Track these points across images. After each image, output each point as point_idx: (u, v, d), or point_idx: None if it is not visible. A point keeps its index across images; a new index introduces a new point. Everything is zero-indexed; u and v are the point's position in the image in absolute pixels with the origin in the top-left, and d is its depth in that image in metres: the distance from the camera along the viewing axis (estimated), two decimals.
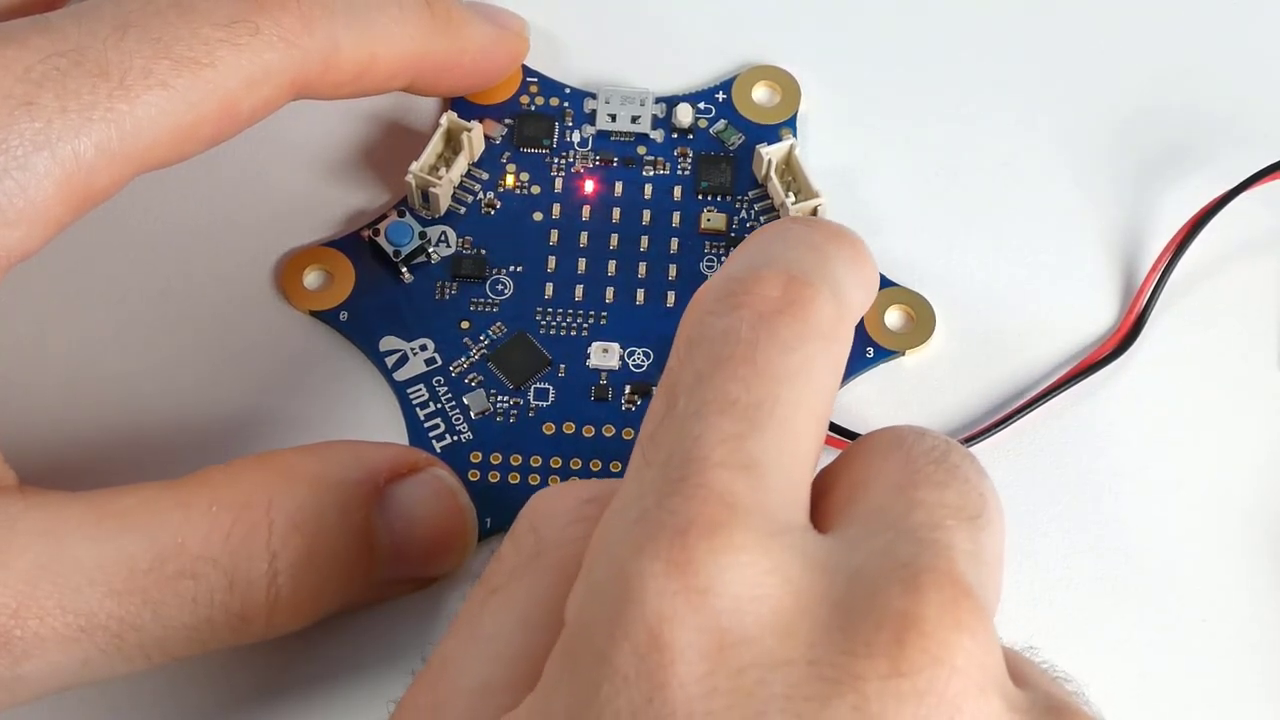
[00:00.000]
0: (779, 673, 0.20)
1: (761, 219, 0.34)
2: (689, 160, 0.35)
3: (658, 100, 0.35)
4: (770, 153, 0.34)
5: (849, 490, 0.23)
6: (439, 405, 0.32)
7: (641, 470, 0.22)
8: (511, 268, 0.33)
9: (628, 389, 0.32)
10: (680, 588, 0.20)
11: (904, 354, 0.33)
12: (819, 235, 0.25)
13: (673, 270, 0.33)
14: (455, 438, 0.32)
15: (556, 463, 0.32)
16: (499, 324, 0.33)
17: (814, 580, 0.21)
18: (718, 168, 0.34)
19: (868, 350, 0.33)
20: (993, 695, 0.21)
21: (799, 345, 0.23)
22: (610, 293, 0.33)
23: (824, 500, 0.23)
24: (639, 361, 0.33)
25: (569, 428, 0.32)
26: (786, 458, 0.22)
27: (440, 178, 0.33)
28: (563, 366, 0.33)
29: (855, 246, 0.25)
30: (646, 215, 0.34)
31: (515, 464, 0.32)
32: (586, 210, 0.34)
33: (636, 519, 0.21)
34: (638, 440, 0.23)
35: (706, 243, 0.34)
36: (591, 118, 0.35)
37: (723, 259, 0.33)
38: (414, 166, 0.33)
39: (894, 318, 0.33)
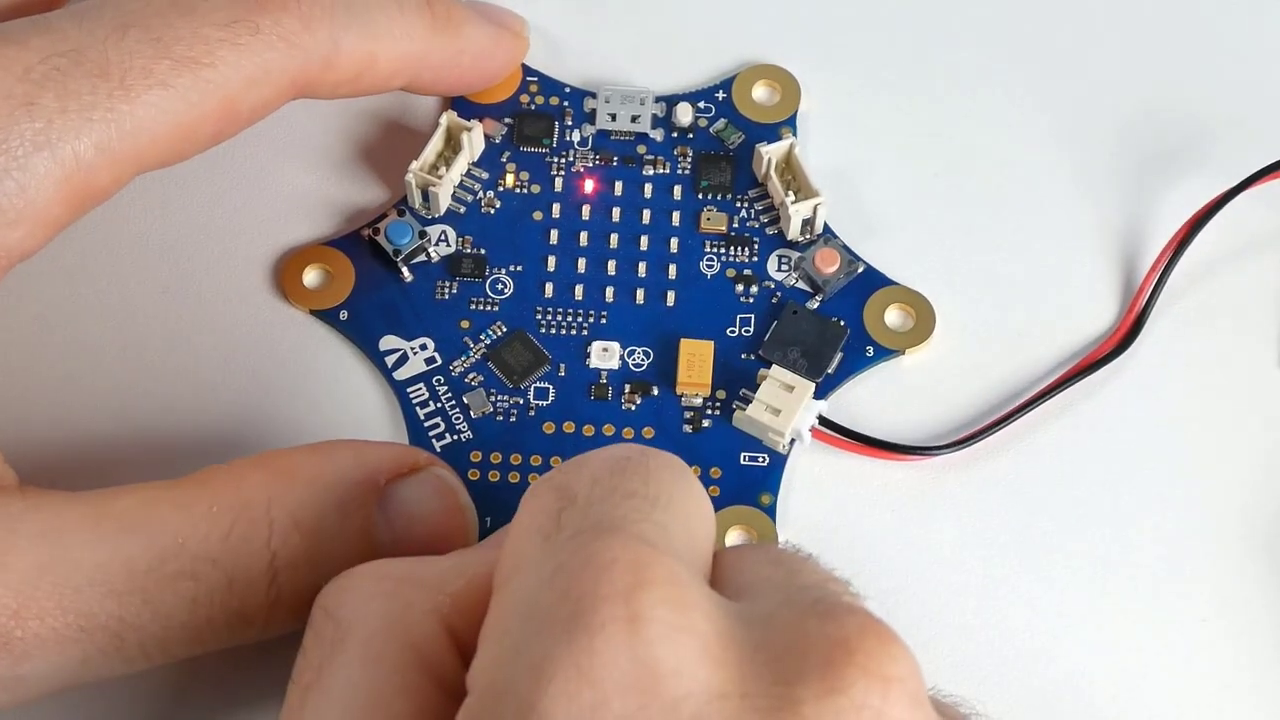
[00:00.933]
0: (714, 705, 0.20)
1: (762, 218, 0.34)
2: (689, 159, 0.35)
3: (658, 99, 0.35)
4: (770, 152, 0.34)
5: (729, 577, 0.24)
6: (439, 404, 0.32)
7: (549, 539, 0.22)
8: (511, 267, 0.33)
9: (627, 388, 0.32)
10: (608, 618, 0.20)
11: (904, 353, 0.33)
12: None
13: (672, 270, 0.33)
14: (455, 437, 0.32)
15: (556, 462, 0.32)
16: (499, 323, 0.33)
17: (732, 624, 0.21)
18: (718, 167, 0.34)
19: (868, 350, 0.33)
20: (927, 707, 0.21)
21: (680, 465, 0.24)
22: (610, 292, 0.33)
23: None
24: (639, 361, 0.33)
25: (569, 427, 0.32)
26: (689, 531, 0.23)
27: (440, 177, 0.33)
28: (562, 366, 0.33)
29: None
30: (646, 214, 0.34)
31: (515, 463, 0.32)
32: (586, 209, 0.34)
33: (552, 574, 0.21)
34: (523, 528, 0.23)
35: (706, 242, 0.34)
36: (591, 117, 0.35)
37: (723, 258, 0.33)
38: (414, 166, 0.33)
39: (894, 317, 0.33)
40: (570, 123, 0.35)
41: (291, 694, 0.24)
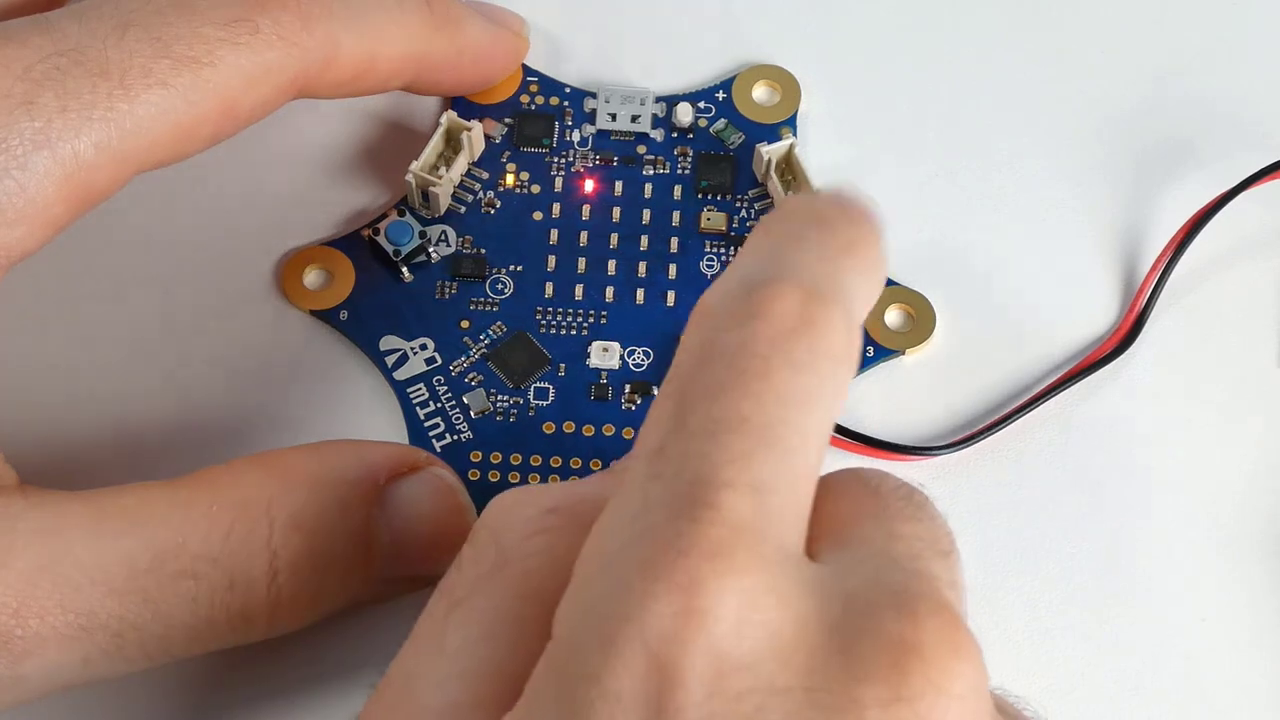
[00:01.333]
0: (778, 699, 0.20)
1: (762, 218, 0.34)
2: (689, 159, 0.35)
3: (658, 99, 0.35)
4: (770, 152, 0.34)
5: (828, 521, 0.23)
6: (439, 404, 0.32)
7: (646, 483, 0.21)
8: (511, 267, 0.33)
9: (628, 388, 0.32)
10: (682, 609, 0.20)
11: (904, 353, 0.33)
12: (835, 244, 0.24)
13: (672, 269, 0.33)
14: (455, 437, 0.32)
15: (556, 462, 0.32)
16: (499, 323, 0.33)
17: (811, 604, 0.21)
18: (718, 167, 0.34)
19: (868, 350, 0.33)
20: None
21: (812, 367, 0.22)
22: (610, 292, 0.33)
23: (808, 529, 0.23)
24: (639, 361, 0.33)
25: (569, 427, 0.32)
26: (791, 480, 0.22)
27: (440, 177, 0.33)
28: (563, 366, 0.33)
29: (870, 253, 0.24)
30: (646, 214, 0.34)
31: (515, 463, 0.32)
32: (586, 209, 0.34)
33: (639, 535, 0.21)
34: (640, 448, 0.22)
35: (706, 242, 0.34)
36: (591, 117, 0.35)
37: (723, 258, 0.33)
38: (414, 166, 0.33)
39: (894, 317, 0.33)
40: (570, 123, 0.35)
41: (437, 603, 0.23)
